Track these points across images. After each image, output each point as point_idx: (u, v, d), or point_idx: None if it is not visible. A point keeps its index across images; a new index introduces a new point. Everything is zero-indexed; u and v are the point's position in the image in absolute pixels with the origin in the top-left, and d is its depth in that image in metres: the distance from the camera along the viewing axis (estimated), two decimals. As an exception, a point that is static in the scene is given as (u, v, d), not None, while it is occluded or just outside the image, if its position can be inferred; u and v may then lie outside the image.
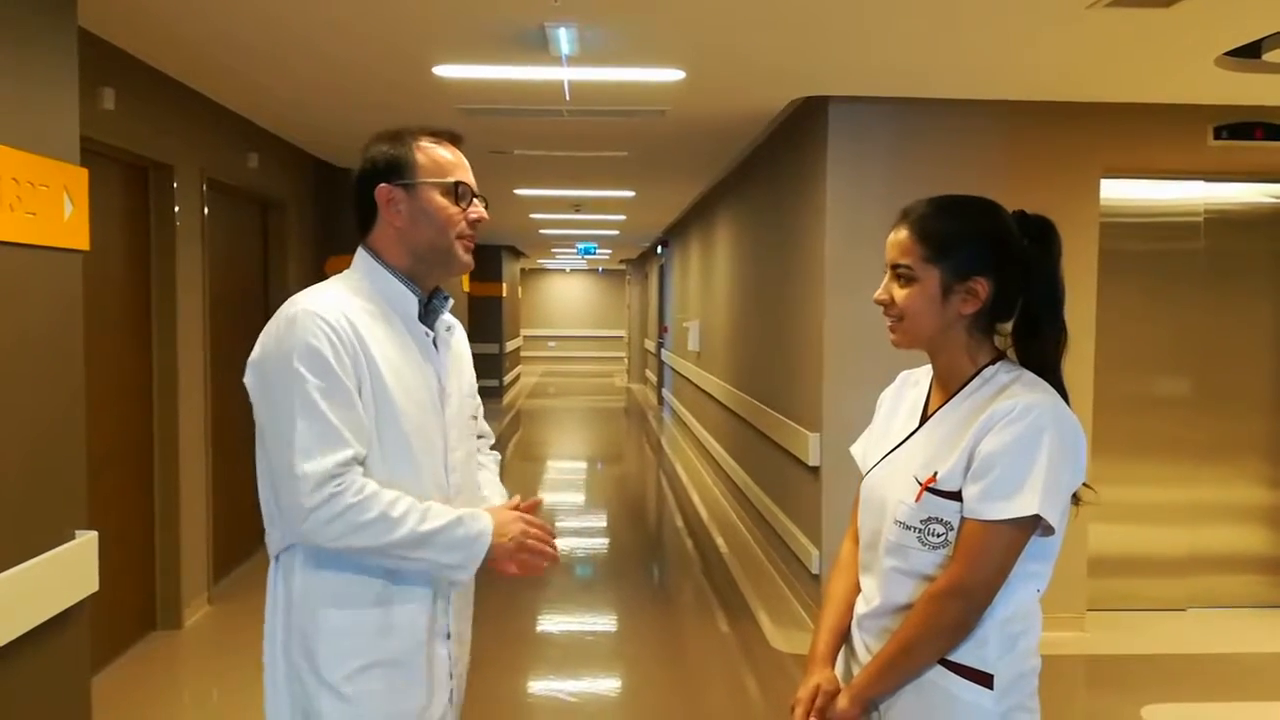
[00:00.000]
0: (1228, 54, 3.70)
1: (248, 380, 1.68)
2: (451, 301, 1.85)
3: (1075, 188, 4.62)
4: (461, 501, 1.76)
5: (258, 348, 1.67)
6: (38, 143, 2.58)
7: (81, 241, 2.79)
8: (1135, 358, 4.95)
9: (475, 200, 1.75)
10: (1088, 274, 4.55)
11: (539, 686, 4.15)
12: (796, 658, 4.42)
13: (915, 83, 4.34)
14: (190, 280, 4.69)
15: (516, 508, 1.79)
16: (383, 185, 1.71)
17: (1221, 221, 5.02)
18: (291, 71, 4.29)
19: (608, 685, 4.22)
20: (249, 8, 3.38)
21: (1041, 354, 1.56)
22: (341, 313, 1.64)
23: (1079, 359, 1.61)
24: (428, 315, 1.78)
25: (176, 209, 4.54)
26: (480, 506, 1.82)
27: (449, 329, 1.84)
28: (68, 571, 2.69)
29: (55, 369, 2.71)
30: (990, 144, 4.60)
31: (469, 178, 1.75)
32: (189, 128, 4.65)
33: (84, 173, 2.80)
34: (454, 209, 1.72)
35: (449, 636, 1.76)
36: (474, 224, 1.75)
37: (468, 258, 1.77)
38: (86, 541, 2.78)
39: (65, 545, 2.69)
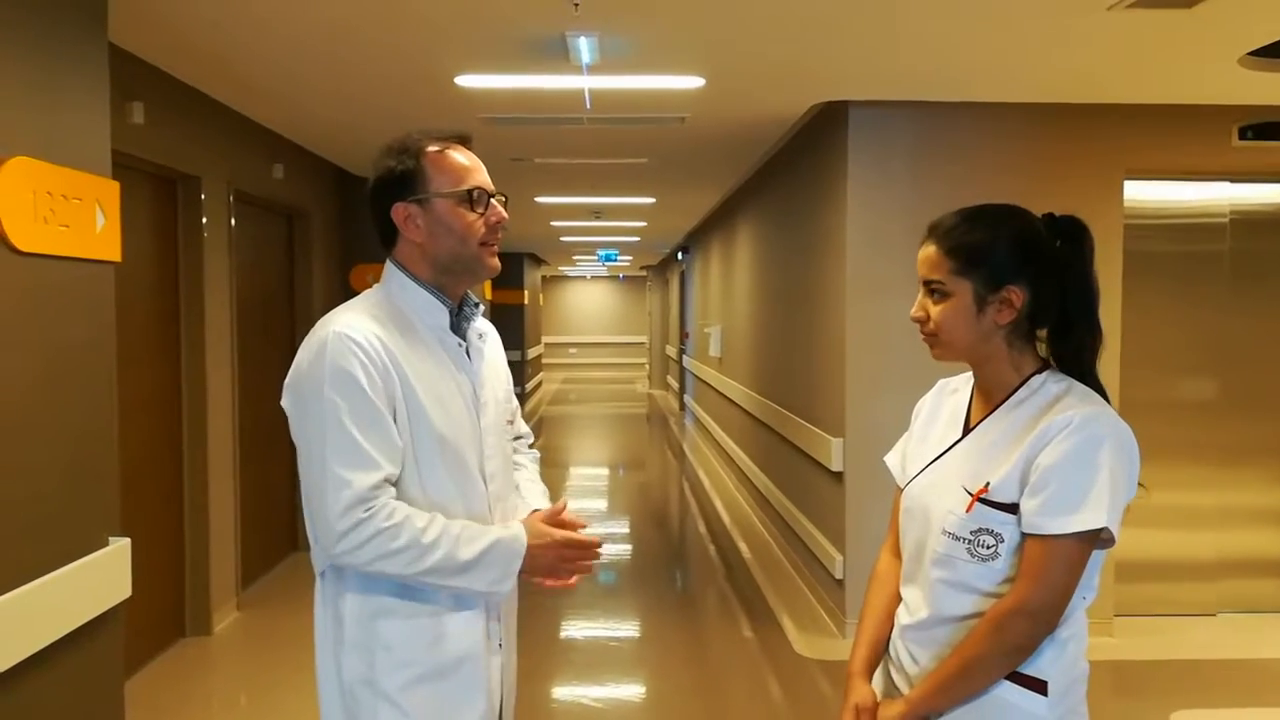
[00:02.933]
0: (1251, 54, 3.68)
1: (284, 403, 1.67)
2: (482, 308, 1.83)
3: (1099, 190, 4.59)
4: (500, 509, 1.76)
5: (292, 370, 1.67)
6: (70, 156, 2.63)
7: (113, 253, 2.84)
8: (1161, 360, 4.90)
9: (493, 201, 1.71)
10: (1112, 276, 4.52)
11: (563, 692, 4.17)
12: (821, 663, 4.41)
13: (936, 86, 4.34)
14: (218, 290, 4.75)
15: (560, 512, 1.77)
16: (397, 204, 1.68)
17: (1247, 222, 4.97)
18: (316, 84, 4.34)
19: (632, 691, 4.23)
20: (274, 23, 3.43)
21: (1076, 356, 1.54)
22: (372, 332, 1.62)
23: (1104, 361, 1.60)
24: (459, 324, 1.77)
25: (204, 220, 4.60)
26: (518, 511, 1.82)
27: (481, 336, 1.82)
28: (102, 577, 2.73)
29: (90, 378, 2.75)
30: (1012, 147, 4.58)
31: (483, 180, 1.71)
32: (216, 140, 4.71)
33: (116, 185, 2.85)
34: (471, 216, 1.68)
35: (500, 646, 1.76)
36: (495, 227, 1.71)
37: (494, 262, 1.73)
38: (120, 548, 2.82)
39: (99, 551, 2.73)
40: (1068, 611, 1.49)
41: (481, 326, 1.83)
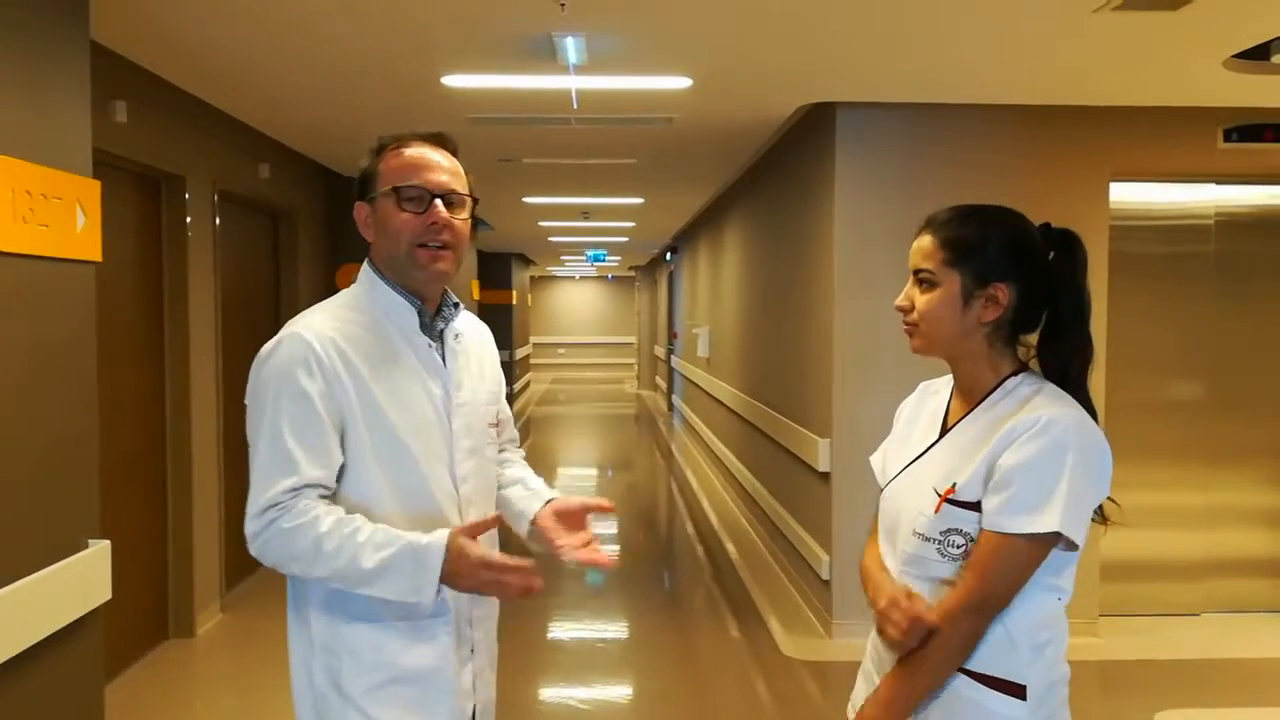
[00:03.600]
0: (1236, 56, 3.70)
1: (246, 398, 1.67)
2: (461, 309, 1.79)
3: (1085, 191, 4.61)
4: (474, 514, 1.71)
5: (251, 370, 1.66)
6: (51, 155, 2.61)
7: (94, 253, 2.82)
8: (1146, 361, 4.93)
9: (436, 202, 1.64)
10: (1098, 278, 4.52)
11: (550, 694, 4.15)
12: (808, 664, 4.41)
13: (923, 88, 4.34)
14: (202, 290, 4.72)
15: (485, 526, 1.60)
16: (357, 204, 1.70)
17: (1232, 224, 5.00)
18: (301, 83, 4.31)
19: (619, 692, 4.22)
20: (259, 22, 3.40)
21: (1065, 366, 1.54)
22: (329, 335, 1.61)
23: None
24: (434, 324, 1.73)
25: (188, 220, 4.57)
26: (525, 506, 1.82)
27: (457, 337, 1.76)
28: (81, 580, 2.71)
29: (69, 379, 2.73)
30: (999, 148, 4.59)
31: (430, 178, 1.64)
32: (200, 139, 4.68)
33: (96, 185, 2.82)
34: (403, 216, 1.64)
35: (473, 652, 1.72)
36: (433, 229, 1.64)
37: (436, 266, 1.65)
38: (99, 550, 2.79)
39: (78, 554, 2.70)
40: (1042, 614, 1.49)
41: (460, 327, 1.78)
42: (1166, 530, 5.00)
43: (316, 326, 1.62)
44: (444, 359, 1.73)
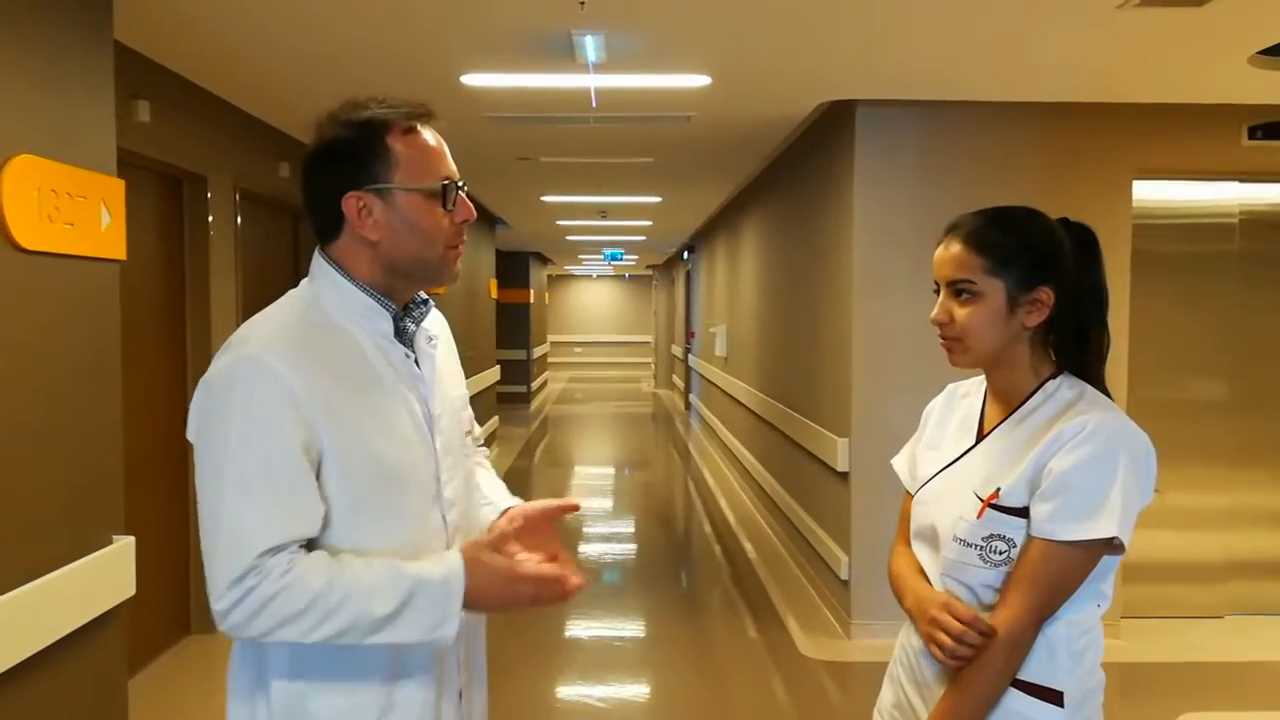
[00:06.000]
0: (1261, 53, 3.66)
1: (189, 434, 1.38)
2: (431, 307, 1.54)
3: (1107, 189, 4.57)
4: (461, 539, 1.47)
5: (197, 393, 1.37)
6: (76, 154, 2.63)
7: (119, 251, 2.84)
8: (1170, 360, 4.88)
9: (462, 194, 1.44)
10: (1120, 276, 4.50)
11: (567, 692, 4.16)
12: (826, 664, 4.40)
13: (943, 86, 4.32)
14: (223, 289, 4.75)
15: (507, 539, 1.45)
16: (350, 194, 1.39)
17: (1257, 222, 4.95)
18: (320, 83, 4.33)
19: (636, 691, 4.22)
20: (278, 23, 3.42)
21: (1087, 361, 1.53)
22: (293, 354, 1.34)
23: (1112, 362, 1.59)
24: (405, 329, 1.48)
25: (210, 219, 4.60)
26: (485, 521, 1.59)
27: (431, 340, 1.52)
28: (106, 576, 2.73)
29: (94, 377, 2.75)
30: (1020, 146, 4.56)
31: (453, 168, 1.44)
32: (222, 139, 4.71)
33: (121, 184, 2.85)
34: (440, 213, 1.41)
35: (461, 695, 1.49)
36: (462, 228, 1.44)
37: (459, 268, 1.46)
38: (124, 546, 2.82)
39: (103, 550, 2.73)
40: (1083, 621, 1.47)
41: (432, 328, 1.53)
42: (1189, 531, 4.96)
43: (275, 345, 1.34)
44: (418, 367, 1.48)
